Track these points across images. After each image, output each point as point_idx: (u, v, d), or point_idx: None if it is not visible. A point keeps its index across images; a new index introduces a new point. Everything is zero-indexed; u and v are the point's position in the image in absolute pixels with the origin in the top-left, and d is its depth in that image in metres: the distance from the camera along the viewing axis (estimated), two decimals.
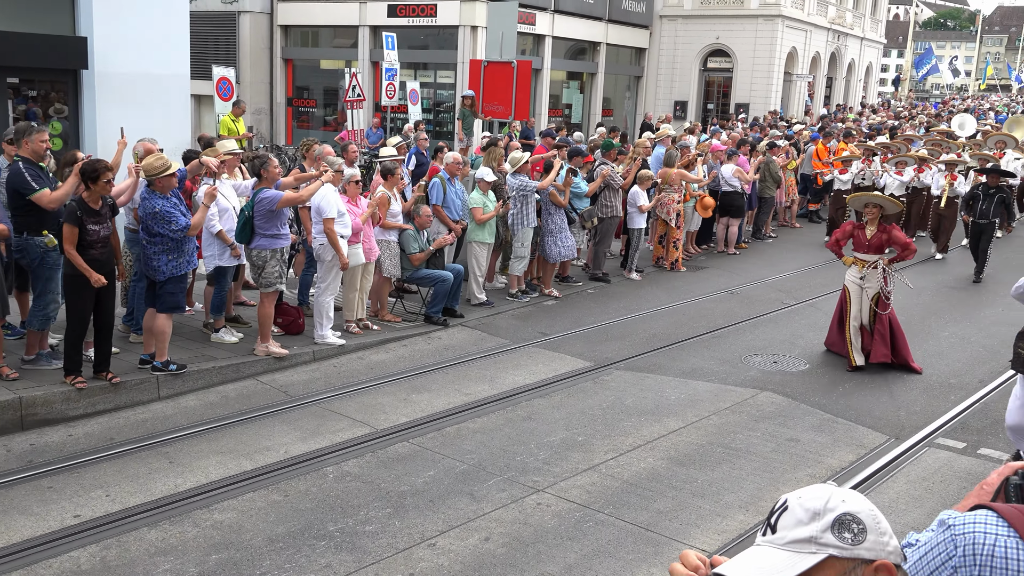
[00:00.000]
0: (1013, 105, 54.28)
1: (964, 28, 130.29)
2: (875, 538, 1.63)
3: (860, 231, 9.92)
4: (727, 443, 7.86)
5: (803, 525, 1.63)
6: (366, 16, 27.67)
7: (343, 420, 8.15)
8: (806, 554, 1.61)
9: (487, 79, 14.95)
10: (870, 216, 9.81)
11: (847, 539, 1.61)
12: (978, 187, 15.00)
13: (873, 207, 9.81)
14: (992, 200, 14.62)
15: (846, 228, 10.04)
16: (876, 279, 9.87)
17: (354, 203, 10.23)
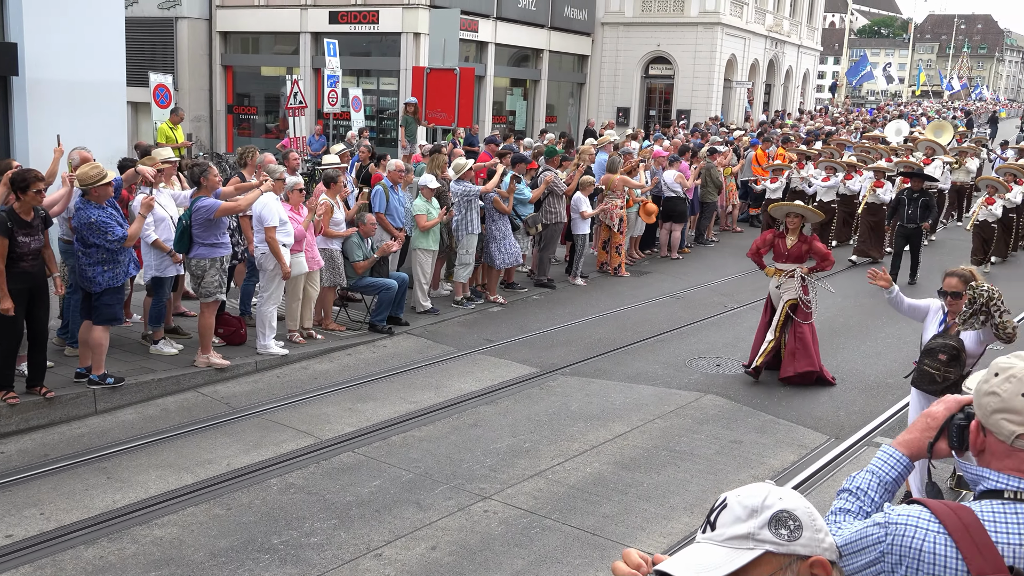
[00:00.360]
0: (944, 111, 55.86)
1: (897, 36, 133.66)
2: (811, 535, 1.66)
3: (780, 240, 9.74)
4: (672, 446, 7.93)
5: (741, 522, 1.66)
6: (307, 23, 27.43)
7: (287, 431, 8.05)
8: (744, 550, 1.64)
9: (430, 86, 14.92)
10: (791, 226, 9.63)
11: (783, 535, 1.64)
12: (903, 192, 15.00)
13: (794, 217, 9.63)
14: (917, 204, 14.59)
15: (766, 237, 9.89)
16: (793, 288, 9.63)
17: (297, 211, 10.13)
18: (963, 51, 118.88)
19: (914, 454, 2.39)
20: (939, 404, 2.36)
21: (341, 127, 23.10)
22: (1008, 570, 2.04)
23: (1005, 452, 2.14)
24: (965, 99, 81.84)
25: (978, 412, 2.20)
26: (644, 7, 35.16)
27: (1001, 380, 2.15)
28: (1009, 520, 2.09)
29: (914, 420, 2.42)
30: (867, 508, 2.38)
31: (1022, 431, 2.10)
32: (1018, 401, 2.10)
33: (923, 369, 6.35)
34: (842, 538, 2.21)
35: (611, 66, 35.47)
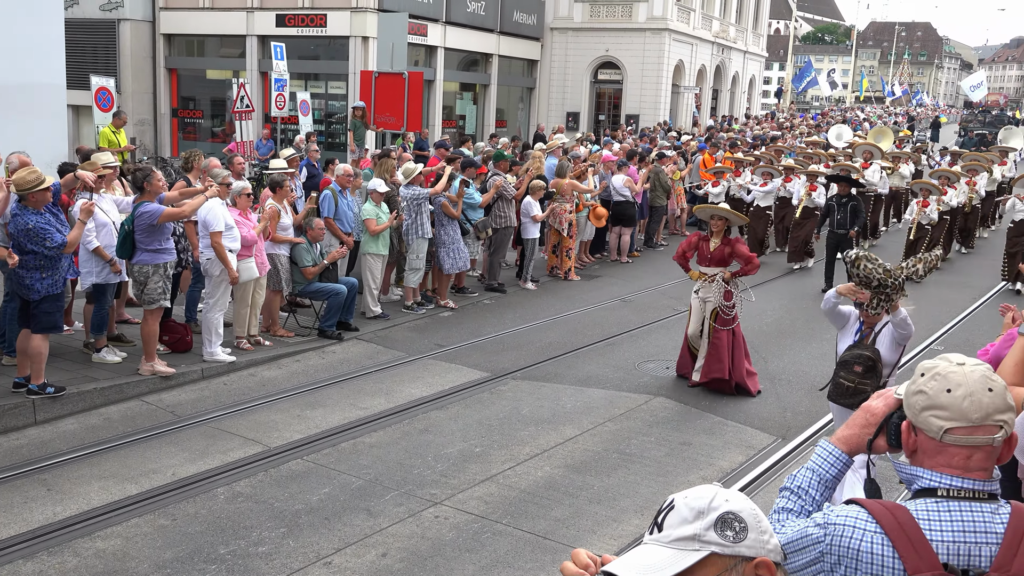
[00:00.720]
0: (885, 116, 57.11)
1: (840, 42, 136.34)
2: (756, 536, 1.69)
3: (704, 243, 9.57)
4: (622, 449, 7.98)
5: (687, 523, 1.68)
6: (254, 26, 27.14)
7: (234, 439, 7.94)
8: (690, 551, 1.65)
9: (378, 90, 14.86)
10: (715, 228, 9.48)
11: (729, 537, 1.66)
12: (832, 198, 14.93)
13: (718, 219, 9.46)
14: (846, 209, 14.45)
15: (691, 240, 9.72)
16: (715, 293, 9.49)
17: (245, 216, 10.01)
18: (904, 58, 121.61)
19: (853, 450, 2.44)
20: (878, 400, 2.41)
21: (289, 131, 22.88)
22: (942, 567, 2.09)
23: (935, 449, 2.19)
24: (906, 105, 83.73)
25: (908, 413, 2.26)
26: (592, 13, 35.41)
27: (927, 379, 2.21)
28: (943, 518, 2.14)
29: (853, 415, 2.47)
30: (808, 507, 2.42)
31: (950, 425, 2.16)
32: (944, 397, 2.16)
33: (838, 382, 6.08)
34: (784, 537, 2.25)
35: (560, 71, 35.66)
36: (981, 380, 2.16)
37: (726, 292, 9.49)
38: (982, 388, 2.15)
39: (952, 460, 2.17)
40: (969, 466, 2.17)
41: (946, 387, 2.16)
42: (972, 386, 2.15)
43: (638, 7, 34.85)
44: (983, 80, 48.18)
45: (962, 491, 2.16)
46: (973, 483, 2.16)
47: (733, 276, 9.48)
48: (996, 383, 2.18)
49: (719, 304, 9.48)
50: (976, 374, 2.17)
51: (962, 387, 2.15)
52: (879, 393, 2.44)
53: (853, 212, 14.41)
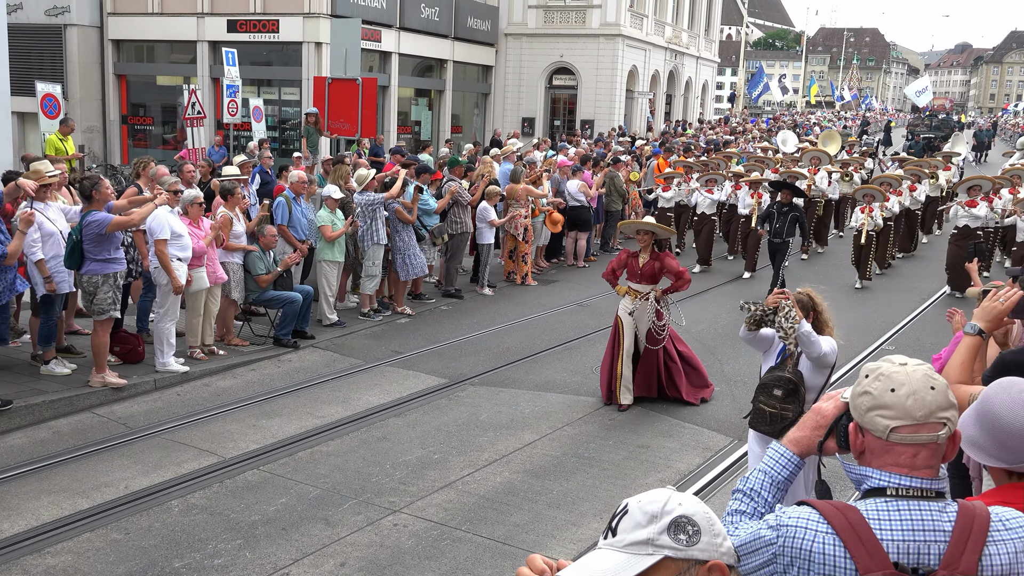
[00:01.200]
0: (836, 120, 58.05)
1: (791, 48, 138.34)
2: (709, 539, 1.70)
3: (633, 259, 9.15)
4: (581, 453, 8.01)
5: (641, 528, 1.69)
6: (204, 31, 26.82)
7: (188, 450, 7.83)
8: (643, 555, 1.66)
9: (332, 96, 14.77)
10: (642, 243, 9.09)
11: (682, 540, 1.67)
12: (772, 206, 14.70)
13: (645, 234, 9.07)
14: (786, 219, 14.20)
15: (621, 256, 9.26)
16: (647, 311, 9.11)
17: (196, 225, 9.89)
18: (853, 63, 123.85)
19: (804, 452, 2.48)
20: (828, 402, 2.46)
21: (242, 138, 22.65)
22: (893, 566, 2.13)
23: (883, 448, 2.24)
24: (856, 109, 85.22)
25: (854, 414, 2.30)
26: (547, 18, 35.56)
27: (871, 380, 2.26)
28: (892, 517, 2.18)
29: (804, 417, 2.52)
30: (761, 509, 2.45)
31: (895, 424, 2.20)
32: (888, 396, 2.20)
33: (758, 407, 5.62)
34: (737, 540, 2.28)
35: (515, 76, 35.74)
36: (923, 379, 2.21)
37: (658, 311, 9.14)
38: (924, 386, 2.20)
39: (899, 459, 2.22)
40: (916, 464, 2.21)
41: (890, 387, 2.21)
42: (915, 385, 2.20)
43: (591, 13, 35.06)
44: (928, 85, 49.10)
45: (910, 490, 2.20)
46: (921, 482, 2.20)
47: (664, 293, 9.17)
48: (938, 381, 2.23)
49: (651, 323, 9.12)
50: (918, 373, 2.22)
51: (905, 386, 2.20)
52: (829, 395, 2.48)
53: (792, 221, 14.23)
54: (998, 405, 2.53)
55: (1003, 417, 2.51)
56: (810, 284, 6.37)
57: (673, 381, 9.33)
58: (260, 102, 21.99)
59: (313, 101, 17.60)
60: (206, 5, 26.76)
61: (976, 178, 16.25)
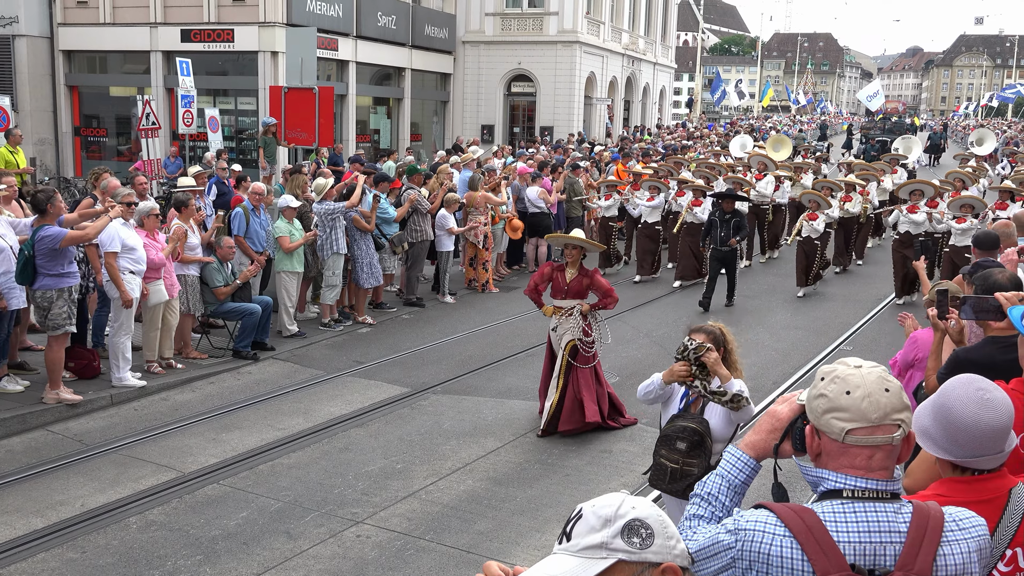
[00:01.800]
0: (791, 124, 58.80)
1: (746, 53, 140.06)
2: (662, 542, 1.72)
3: (559, 274, 8.65)
4: (544, 459, 8.03)
5: (595, 532, 1.70)
6: (158, 41, 26.51)
7: (146, 466, 7.72)
8: (597, 559, 1.68)
9: (288, 106, 14.68)
10: (569, 258, 8.62)
11: (635, 544, 1.69)
12: (715, 213, 14.22)
13: (573, 248, 8.62)
14: (729, 226, 13.87)
15: (544, 271, 8.82)
16: (571, 327, 8.57)
17: (153, 237, 9.78)
18: (807, 68, 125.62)
19: (760, 455, 2.51)
20: (783, 404, 2.49)
21: (198, 148, 22.41)
22: (850, 568, 2.16)
23: (839, 451, 2.27)
24: (811, 113, 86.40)
25: (810, 416, 2.33)
26: (504, 26, 35.67)
27: (827, 383, 2.29)
28: (848, 519, 2.21)
29: (760, 420, 2.55)
30: (719, 513, 2.47)
31: (851, 426, 2.23)
32: (844, 399, 2.24)
33: (659, 462, 4.90)
34: (696, 544, 2.30)
35: (474, 84, 35.79)
36: (878, 381, 2.25)
37: (584, 328, 8.60)
38: (879, 389, 2.23)
39: (855, 461, 2.25)
40: (871, 466, 2.24)
41: (845, 389, 2.24)
42: (870, 387, 2.23)
43: (549, 20, 35.24)
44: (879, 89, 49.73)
45: (866, 491, 2.23)
46: (876, 483, 2.24)
47: (592, 308, 8.64)
48: (892, 383, 2.27)
49: (578, 339, 8.55)
50: (873, 375, 2.26)
51: (860, 388, 2.23)
52: (784, 397, 2.52)
53: (736, 228, 13.91)
54: (954, 400, 2.58)
55: (956, 412, 2.56)
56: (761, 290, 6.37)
57: (601, 405, 8.69)
58: (216, 112, 21.76)
59: (269, 110, 17.47)
60: (159, 15, 26.48)
61: (917, 182, 15.88)
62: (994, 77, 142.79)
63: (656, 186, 16.63)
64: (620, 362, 11.20)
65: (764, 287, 16.10)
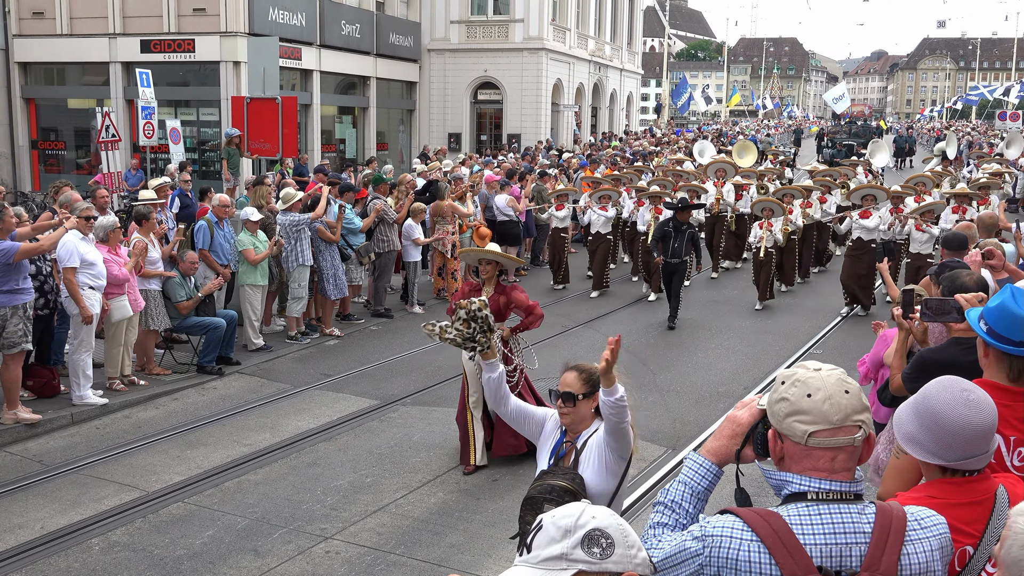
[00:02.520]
0: (759, 129, 59.38)
1: (713, 58, 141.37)
2: (623, 551, 1.71)
3: (476, 294, 7.74)
4: (516, 470, 8.01)
5: (555, 543, 1.69)
6: (117, 52, 26.25)
7: (109, 486, 7.61)
8: (557, 571, 1.67)
9: (251, 116, 14.58)
10: (484, 274, 7.90)
11: (596, 554, 1.68)
12: (668, 223, 13.60)
13: (487, 264, 7.91)
14: (683, 237, 13.36)
15: (463, 290, 8.09)
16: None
17: (115, 252, 9.67)
18: (773, 72, 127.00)
19: (722, 461, 2.52)
20: (743, 409, 2.50)
21: (160, 160, 22.21)
22: (817, 570, 2.18)
23: (802, 453, 2.29)
24: (778, 117, 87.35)
25: (772, 420, 2.35)
26: (469, 34, 35.73)
27: (788, 386, 2.30)
28: (814, 521, 2.23)
29: (720, 426, 2.56)
30: (683, 520, 2.47)
31: (813, 429, 2.25)
32: (805, 402, 2.26)
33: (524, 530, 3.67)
34: (663, 552, 2.30)
35: (440, 92, 35.79)
36: (838, 383, 2.27)
37: (505, 354, 7.81)
38: (839, 391, 2.26)
39: (818, 463, 2.27)
40: (834, 468, 2.27)
41: (806, 392, 2.26)
42: (830, 389, 2.26)
43: (514, 28, 35.35)
44: (845, 92, 49.93)
45: (830, 493, 2.25)
46: (840, 484, 2.26)
47: (513, 332, 7.95)
48: (851, 385, 2.30)
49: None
50: (832, 378, 2.28)
51: (821, 391, 2.25)
52: (743, 402, 2.53)
53: (690, 240, 13.48)
54: (940, 404, 2.59)
55: (944, 415, 2.57)
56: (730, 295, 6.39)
57: None
58: (178, 123, 21.60)
59: (232, 121, 17.35)
60: (118, 25, 26.24)
61: (868, 187, 15.52)
62: (957, 79, 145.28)
63: (608, 195, 16.08)
64: None
65: (733, 292, 16.21)
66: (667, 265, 13.51)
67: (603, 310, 14.64)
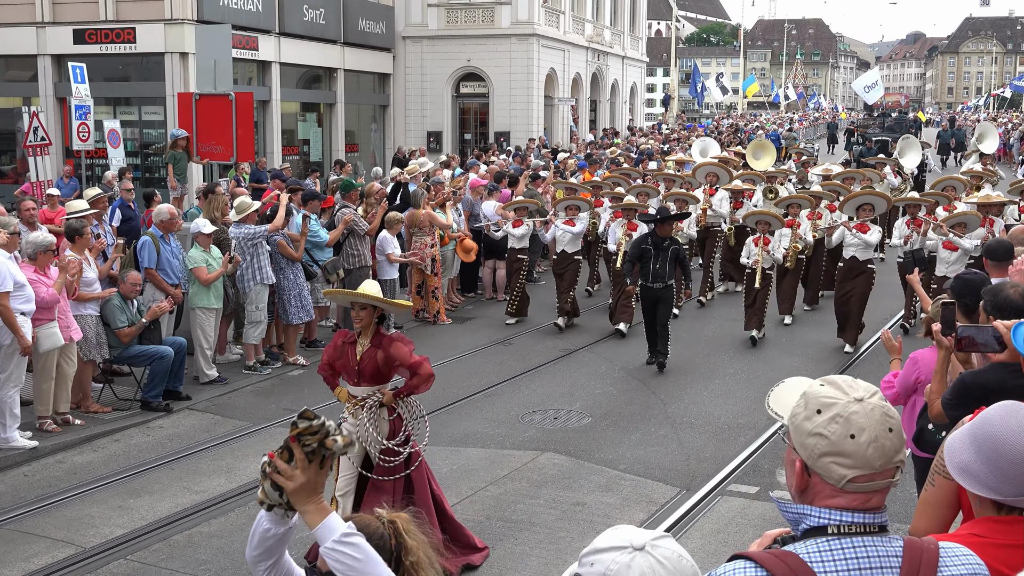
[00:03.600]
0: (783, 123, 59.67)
1: (727, 43, 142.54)
2: None
3: (351, 347, 6.97)
4: (507, 516, 8.02)
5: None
6: (46, 43, 26.33)
7: (40, 541, 7.59)
8: None
9: (201, 115, 14.61)
10: (359, 323, 6.86)
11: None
12: (646, 238, 12.51)
13: (361, 309, 6.84)
14: (666, 256, 12.24)
15: (336, 343, 7.15)
16: (368, 426, 6.83)
17: (44, 273, 9.66)
18: (797, 58, 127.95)
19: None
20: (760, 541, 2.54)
21: (97, 166, 22.23)
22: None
23: (832, 492, 2.31)
24: (802, 109, 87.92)
25: (802, 452, 2.34)
26: (450, 18, 35.93)
27: (826, 420, 2.29)
28: (836, 556, 2.25)
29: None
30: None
31: (853, 475, 2.27)
32: (848, 444, 2.26)
33: None
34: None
35: (417, 85, 35.95)
36: (882, 420, 2.28)
37: (390, 423, 6.97)
38: (884, 430, 2.27)
39: (851, 503, 2.30)
40: (867, 506, 2.30)
41: (850, 432, 2.26)
42: (876, 429, 2.26)
43: (501, 11, 35.56)
44: (878, 79, 48.46)
45: (852, 526, 2.28)
46: (864, 516, 2.29)
47: (398, 396, 6.99)
48: (895, 421, 2.31)
49: (373, 446, 6.85)
50: (877, 413, 2.28)
51: (866, 431, 2.26)
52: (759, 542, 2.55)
53: (674, 259, 12.36)
54: (1004, 431, 2.59)
55: (1009, 444, 2.58)
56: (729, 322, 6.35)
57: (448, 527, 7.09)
58: (117, 124, 21.64)
59: (179, 121, 17.39)
60: (47, 13, 26.31)
61: (866, 194, 14.41)
62: (1005, 64, 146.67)
63: (577, 206, 14.99)
64: (592, 400, 11.25)
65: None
66: (647, 291, 12.40)
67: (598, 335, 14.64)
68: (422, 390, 7.01)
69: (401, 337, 7.16)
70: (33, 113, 18.39)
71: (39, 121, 18.06)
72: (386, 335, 6.99)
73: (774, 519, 7.67)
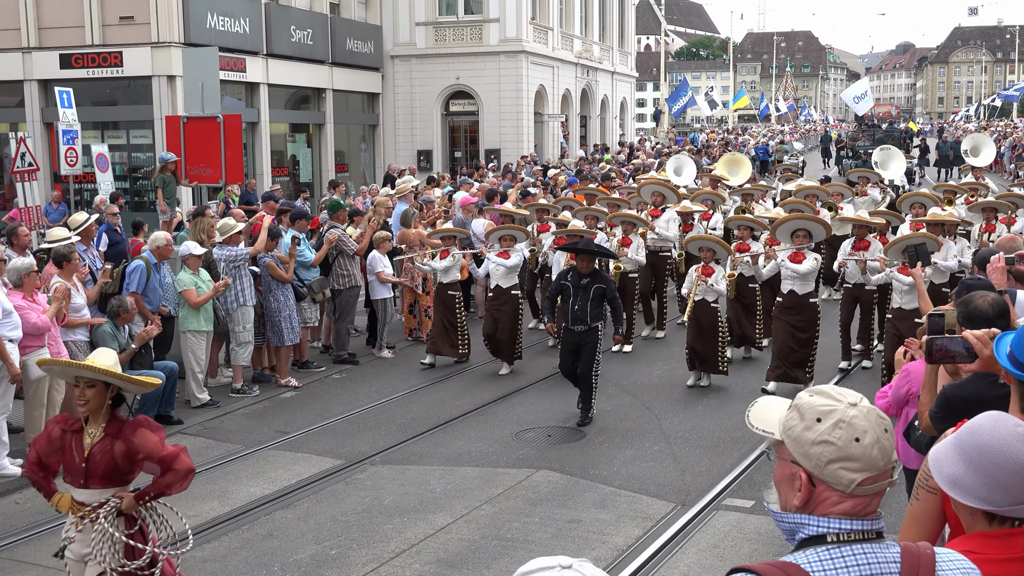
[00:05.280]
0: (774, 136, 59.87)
1: (717, 57, 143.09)
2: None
3: (74, 438, 5.53)
4: (502, 534, 8.02)
5: None
6: (32, 69, 26.38)
7: (31, 570, 7.57)
8: None
9: (189, 138, 14.65)
10: (84, 405, 5.48)
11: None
12: (565, 276, 11.13)
13: (87, 387, 5.46)
14: (588, 295, 10.69)
15: (52, 432, 5.71)
16: (100, 546, 5.36)
17: (32, 299, 9.67)
18: (787, 70, 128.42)
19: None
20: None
21: (86, 191, 22.25)
22: None
23: (838, 499, 2.35)
24: (793, 122, 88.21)
25: (806, 463, 2.37)
26: (438, 37, 36.08)
27: (830, 427, 2.33)
28: (837, 565, 2.29)
29: None
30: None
31: (863, 477, 2.31)
32: (854, 448, 2.31)
33: None
34: None
35: (406, 104, 36.06)
36: (878, 421, 2.35)
37: (128, 543, 5.46)
38: (881, 429, 2.34)
39: (855, 508, 2.34)
40: (866, 511, 2.35)
41: (854, 436, 2.31)
42: (876, 431, 2.33)
43: (489, 28, 35.72)
44: (867, 90, 48.02)
45: (851, 533, 2.32)
46: (861, 523, 2.34)
47: (141, 501, 5.53)
48: (887, 420, 2.38)
49: (110, 568, 5.39)
50: (873, 415, 2.35)
51: (868, 434, 2.32)
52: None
53: (596, 298, 10.75)
54: (996, 440, 2.59)
55: (1001, 453, 2.58)
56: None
57: None
58: (105, 148, 21.70)
59: (167, 144, 17.42)
60: (33, 38, 26.37)
61: (801, 217, 12.71)
62: (995, 73, 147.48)
63: (512, 236, 13.33)
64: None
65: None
66: (568, 334, 10.92)
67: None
68: (176, 490, 5.51)
69: (148, 422, 5.63)
70: (20, 139, 18.41)
71: (26, 147, 18.08)
72: (127, 421, 5.57)
73: (770, 532, 7.70)
